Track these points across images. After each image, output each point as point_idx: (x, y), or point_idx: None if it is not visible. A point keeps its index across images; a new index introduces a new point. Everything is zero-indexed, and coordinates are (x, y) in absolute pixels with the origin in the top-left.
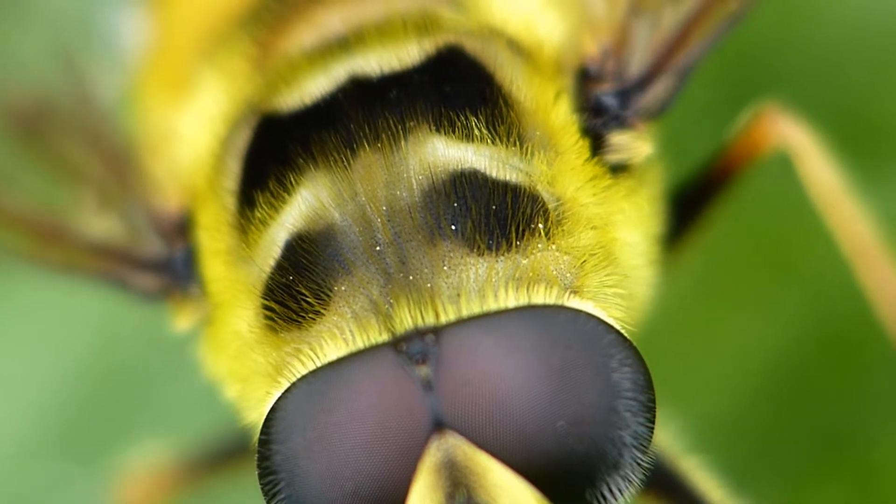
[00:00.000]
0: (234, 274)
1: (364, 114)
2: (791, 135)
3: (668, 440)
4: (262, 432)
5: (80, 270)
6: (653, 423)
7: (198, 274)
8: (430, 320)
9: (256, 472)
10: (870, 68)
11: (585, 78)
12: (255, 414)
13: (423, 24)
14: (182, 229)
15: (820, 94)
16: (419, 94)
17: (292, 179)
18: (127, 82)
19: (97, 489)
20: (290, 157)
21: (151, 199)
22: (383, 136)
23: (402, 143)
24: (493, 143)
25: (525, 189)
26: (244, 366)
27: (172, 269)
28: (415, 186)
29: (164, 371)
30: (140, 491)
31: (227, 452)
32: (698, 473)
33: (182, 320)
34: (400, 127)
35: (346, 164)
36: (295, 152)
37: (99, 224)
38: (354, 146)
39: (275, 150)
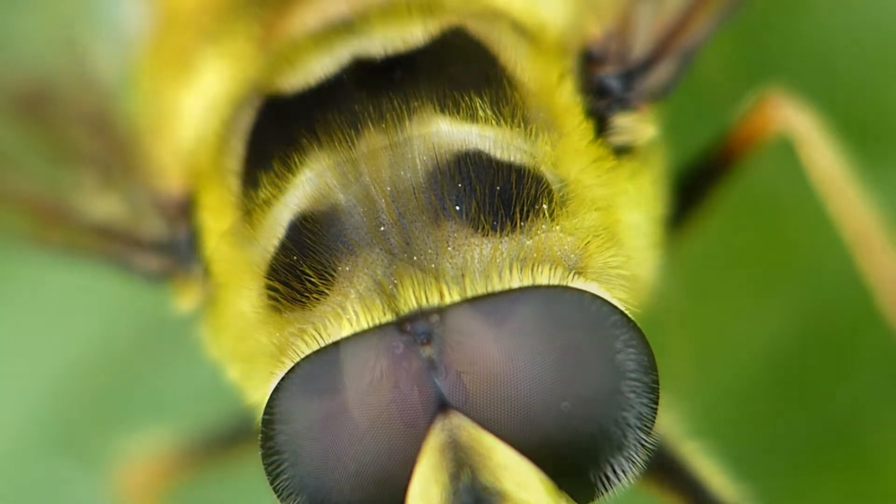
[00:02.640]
0: (237, 254)
1: (368, 95)
2: (794, 120)
3: (671, 424)
4: (266, 412)
5: (82, 251)
6: (657, 404)
7: (201, 254)
8: (434, 301)
9: (260, 453)
10: (871, 58)
11: (589, 60)
12: (259, 394)
13: (427, 6)
14: (185, 210)
15: (821, 82)
16: (423, 75)
17: (296, 160)
18: (130, 63)
19: (96, 484)
20: (294, 137)
21: (154, 180)
22: (387, 116)
23: (407, 123)
24: (497, 124)
25: (529, 170)
26: (247, 346)
27: (175, 249)
28: (419, 167)
29: (162, 367)
30: (141, 477)
31: (229, 437)
32: (700, 458)
33: (184, 301)
34: (404, 108)
35: (350, 144)
36: (299, 133)
37: (101, 205)
38: (359, 127)
39: (279, 130)
